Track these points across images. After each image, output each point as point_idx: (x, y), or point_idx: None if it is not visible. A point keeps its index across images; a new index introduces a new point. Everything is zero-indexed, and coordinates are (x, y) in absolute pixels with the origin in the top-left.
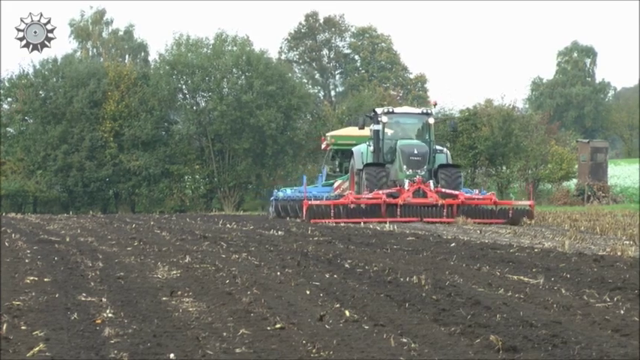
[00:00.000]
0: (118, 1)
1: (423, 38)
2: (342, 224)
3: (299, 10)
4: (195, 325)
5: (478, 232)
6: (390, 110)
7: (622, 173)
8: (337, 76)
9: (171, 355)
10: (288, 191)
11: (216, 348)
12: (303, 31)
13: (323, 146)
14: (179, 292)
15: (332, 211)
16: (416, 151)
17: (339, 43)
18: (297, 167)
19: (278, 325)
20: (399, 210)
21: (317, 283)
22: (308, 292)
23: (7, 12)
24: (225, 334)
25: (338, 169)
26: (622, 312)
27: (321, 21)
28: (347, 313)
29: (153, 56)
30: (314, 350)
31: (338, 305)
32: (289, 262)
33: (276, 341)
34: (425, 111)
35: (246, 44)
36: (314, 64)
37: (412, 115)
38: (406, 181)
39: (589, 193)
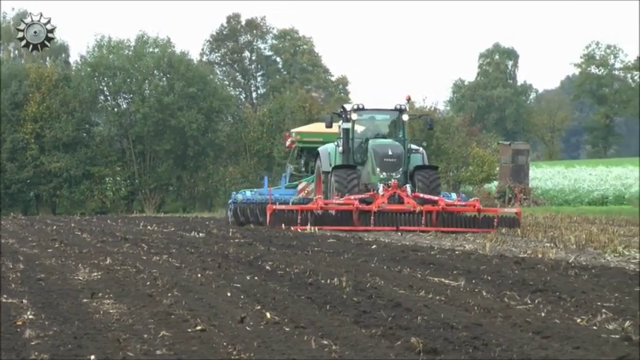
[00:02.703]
0: (39, 2)
1: (344, 40)
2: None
3: (221, 12)
4: (116, 327)
5: (399, 234)
6: (360, 106)
7: (543, 175)
8: (259, 78)
9: (92, 357)
10: (248, 193)
11: (136, 350)
12: (224, 32)
13: (287, 144)
14: (100, 294)
15: (299, 216)
16: (390, 152)
17: (260, 45)
18: (218, 169)
19: (199, 327)
20: (372, 217)
21: (238, 285)
22: (229, 294)
23: (7, 12)
24: (145, 335)
25: (304, 169)
26: (543, 314)
27: (243, 23)
28: (268, 315)
29: (74, 58)
30: (235, 352)
31: (259, 307)
32: (210, 264)
33: (197, 343)
34: (398, 106)
35: (168, 46)
36: (235, 66)
37: (384, 112)
38: (380, 186)
39: (510, 196)
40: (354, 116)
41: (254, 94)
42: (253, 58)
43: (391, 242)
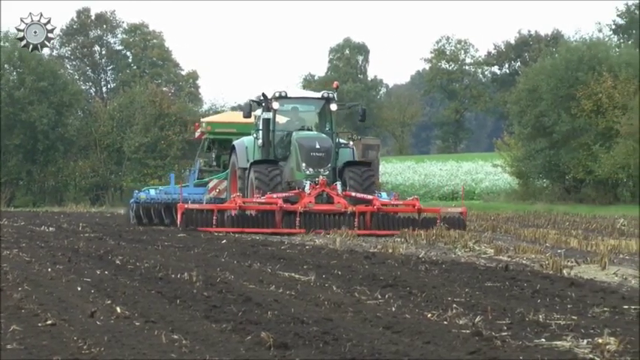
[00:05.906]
0: None
1: (195, 35)
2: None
3: (71, 7)
4: None
5: None
6: (283, 94)
7: (394, 170)
8: (109, 72)
9: None
10: (152, 192)
11: None
12: (74, 27)
13: (197, 134)
14: None
15: (214, 217)
16: (317, 146)
17: (110, 40)
18: (68, 163)
19: (49, 322)
20: (298, 219)
21: (88, 280)
22: (79, 289)
23: (7, 12)
24: None
25: (215, 164)
26: (393, 309)
27: (93, 17)
28: (118, 309)
29: None
30: (85, 347)
31: (109, 301)
32: (60, 259)
33: (48, 337)
34: (326, 95)
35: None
36: (86, 60)
37: (310, 101)
38: (307, 183)
39: None
40: (275, 105)
41: (104, 89)
42: (103, 52)
43: (241, 237)
